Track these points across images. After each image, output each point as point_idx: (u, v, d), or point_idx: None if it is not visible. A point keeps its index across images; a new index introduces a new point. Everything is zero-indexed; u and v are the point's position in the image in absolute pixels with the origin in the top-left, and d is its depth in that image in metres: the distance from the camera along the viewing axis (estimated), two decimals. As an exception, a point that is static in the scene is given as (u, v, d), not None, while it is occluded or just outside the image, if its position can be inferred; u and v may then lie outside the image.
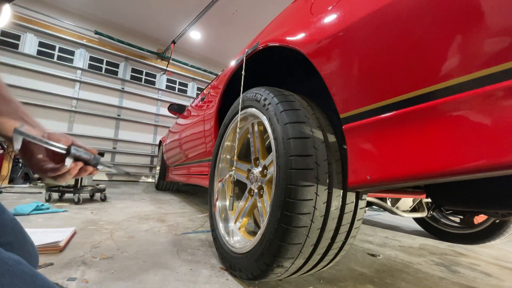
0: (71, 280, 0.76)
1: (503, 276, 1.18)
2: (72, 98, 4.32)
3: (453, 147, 0.41)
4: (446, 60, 0.42)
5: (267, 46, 0.97)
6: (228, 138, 1.14)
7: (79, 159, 0.51)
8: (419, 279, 1.03)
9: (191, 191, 3.79)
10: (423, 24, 0.46)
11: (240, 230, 1.00)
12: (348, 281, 0.93)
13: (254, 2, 4.11)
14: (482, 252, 1.61)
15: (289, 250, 0.66)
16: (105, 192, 2.31)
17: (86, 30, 4.70)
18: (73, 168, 0.50)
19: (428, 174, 0.45)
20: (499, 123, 0.37)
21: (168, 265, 0.93)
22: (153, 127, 5.20)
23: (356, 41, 0.58)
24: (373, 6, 0.55)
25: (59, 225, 1.34)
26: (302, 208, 0.64)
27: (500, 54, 0.37)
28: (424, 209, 1.41)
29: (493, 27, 0.38)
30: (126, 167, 4.80)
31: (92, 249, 1.03)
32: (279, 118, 0.75)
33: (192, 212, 2.11)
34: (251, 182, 0.96)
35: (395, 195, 0.97)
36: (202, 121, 1.81)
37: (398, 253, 1.39)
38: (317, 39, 0.69)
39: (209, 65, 6.30)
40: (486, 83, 0.38)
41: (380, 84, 0.52)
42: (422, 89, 0.45)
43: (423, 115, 0.45)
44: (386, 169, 0.51)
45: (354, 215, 0.71)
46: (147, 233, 1.32)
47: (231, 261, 0.88)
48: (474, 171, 0.40)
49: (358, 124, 0.57)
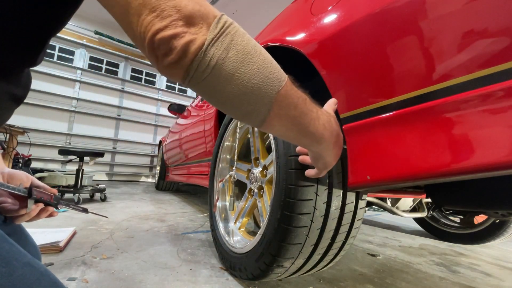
0: (71, 280, 0.76)
1: (503, 276, 1.18)
2: (72, 98, 4.31)
3: (453, 147, 0.41)
4: (446, 60, 0.42)
5: (267, 46, 0.97)
6: (228, 138, 1.14)
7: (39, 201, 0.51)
8: (419, 279, 1.03)
9: (191, 191, 3.79)
10: (423, 24, 0.46)
11: (240, 230, 1.00)
12: (348, 281, 0.93)
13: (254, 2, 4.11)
14: (482, 252, 1.61)
15: (289, 250, 0.66)
16: (105, 192, 2.31)
17: (86, 30, 4.70)
18: (33, 210, 0.51)
19: (428, 174, 0.45)
20: (499, 123, 0.37)
21: (168, 265, 0.93)
22: (153, 127, 5.20)
23: (356, 41, 0.58)
24: (373, 6, 0.55)
25: (59, 225, 1.34)
26: (302, 208, 0.64)
27: (500, 54, 0.37)
28: (424, 209, 1.41)
29: (493, 27, 0.38)
30: (126, 167, 4.80)
31: (92, 249, 1.03)
32: (279, 118, 0.75)
33: (192, 212, 2.11)
34: (251, 182, 0.96)
35: (395, 195, 0.97)
36: (202, 121, 1.81)
37: (398, 253, 1.39)
38: (317, 39, 0.69)
39: (209, 65, 6.28)
40: (486, 83, 0.38)
41: (380, 84, 0.52)
42: (422, 89, 0.45)
43: (423, 115, 0.45)
44: (386, 169, 0.51)
45: (354, 215, 0.71)
46: (147, 233, 1.32)
47: (231, 261, 0.88)
48: (474, 171, 0.40)
49: (358, 124, 0.57)
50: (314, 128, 0.40)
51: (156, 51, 0.29)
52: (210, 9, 0.31)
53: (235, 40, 0.31)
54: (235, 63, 0.31)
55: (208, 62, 0.30)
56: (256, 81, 0.32)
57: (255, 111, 0.34)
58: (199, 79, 0.31)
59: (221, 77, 0.31)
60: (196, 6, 0.29)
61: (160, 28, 0.28)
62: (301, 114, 0.38)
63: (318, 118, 0.41)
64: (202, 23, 0.29)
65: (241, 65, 0.31)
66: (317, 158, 0.48)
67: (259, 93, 0.33)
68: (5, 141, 2.71)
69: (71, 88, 4.36)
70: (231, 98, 0.33)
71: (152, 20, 0.28)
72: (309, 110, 0.39)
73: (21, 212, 0.50)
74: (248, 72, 0.32)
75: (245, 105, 0.34)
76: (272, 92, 0.34)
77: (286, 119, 0.37)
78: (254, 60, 0.32)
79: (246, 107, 0.34)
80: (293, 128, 0.38)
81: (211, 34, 0.30)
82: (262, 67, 0.33)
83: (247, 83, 0.32)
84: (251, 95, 0.33)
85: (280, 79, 0.34)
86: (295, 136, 0.40)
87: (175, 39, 0.28)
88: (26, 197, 0.49)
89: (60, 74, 4.22)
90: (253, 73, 0.32)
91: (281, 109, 0.35)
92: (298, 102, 0.37)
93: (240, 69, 0.31)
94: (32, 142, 3.39)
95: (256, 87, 0.32)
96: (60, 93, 4.19)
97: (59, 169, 3.80)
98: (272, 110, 0.35)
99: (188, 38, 0.29)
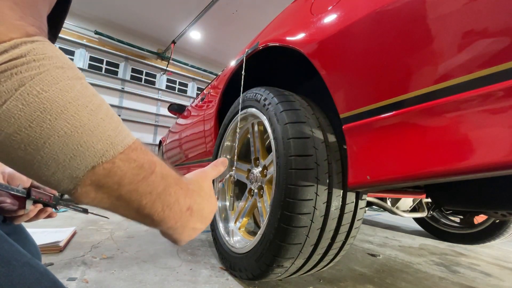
0: (71, 280, 0.76)
1: (503, 276, 1.18)
2: (72, 98, 4.31)
3: (453, 147, 0.41)
4: (446, 60, 0.42)
5: (267, 46, 0.97)
6: (228, 138, 1.14)
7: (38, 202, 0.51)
8: (419, 279, 1.03)
9: (191, 191, 3.79)
10: (423, 24, 0.46)
11: (240, 230, 1.00)
12: (348, 281, 0.93)
13: (254, 2, 4.11)
14: (482, 252, 1.61)
15: (289, 250, 0.66)
16: (105, 192, 2.31)
17: (86, 30, 4.70)
18: (32, 211, 0.50)
19: (428, 174, 0.45)
20: (499, 123, 0.37)
21: (168, 265, 0.93)
22: (153, 127, 5.20)
23: (356, 41, 0.58)
24: (373, 6, 0.55)
25: (59, 225, 1.34)
26: (302, 208, 0.64)
27: (500, 54, 0.37)
28: (424, 209, 1.41)
29: (493, 27, 0.38)
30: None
31: (92, 249, 1.03)
32: (279, 118, 0.75)
33: (192, 212, 2.11)
34: (251, 182, 0.96)
35: (395, 195, 0.97)
36: (202, 121, 1.81)
37: (398, 253, 1.39)
38: (317, 39, 0.69)
39: (209, 65, 6.30)
40: (486, 83, 0.38)
41: (380, 84, 0.52)
42: (422, 89, 0.45)
43: (423, 115, 0.45)
44: (386, 169, 0.51)
45: (354, 215, 0.71)
46: (147, 233, 1.32)
47: (231, 261, 0.88)
48: (474, 171, 0.40)
49: (358, 124, 0.57)
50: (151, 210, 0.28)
51: None
52: (13, 25, 0.19)
53: (28, 87, 0.19)
54: (14, 122, 0.19)
55: None
56: (56, 152, 0.21)
57: (56, 182, 0.23)
58: None
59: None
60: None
61: None
62: (133, 195, 0.26)
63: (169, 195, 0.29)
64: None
65: (27, 125, 0.20)
66: (164, 234, 0.33)
67: (58, 165, 0.22)
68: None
69: (71, 88, 4.36)
70: (17, 164, 0.22)
71: None
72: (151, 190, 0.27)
73: (19, 213, 0.50)
74: (39, 139, 0.20)
75: (40, 172, 0.22)
76: (78, 170, 0.23)
77: (108, 198, 0.26)
78: (55, 125, 0.21)
79: (41, 174, 0.23)
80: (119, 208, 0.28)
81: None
82: (67, 135, 0.21)
83: (33, 152, 0.21)
84: (44, 167, 0.22)
85: (102, 152, 0.23)
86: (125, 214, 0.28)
87: None
88: (25, 198, 0.49)
89: (60, 74, 4.21)
90: (50, 142, 0.21)
91: (99, 189, 0.25)
92: (132, 179, 0.26)
93: (21, 131, 0.20)
94: (32, 142, 3.38)
95: (56, 157, 0.22)
96: (60, 93, 4.18)
97: (59, 169, 3.80)
98: (82, 187, 0.24)
99: None
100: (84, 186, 0.24)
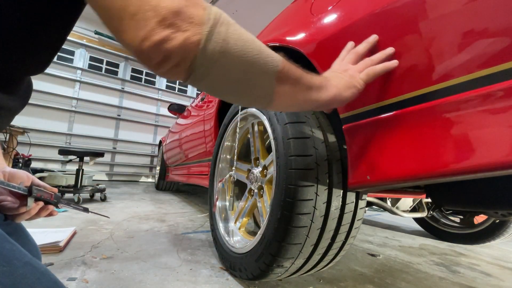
0: (71, 280, 0.76)
1: (503, 276, 1.18)
2: (72, 98, 4.31)
3: (453, 147, 0.41)
4: (446, 60, 0.42)
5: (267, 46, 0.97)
6: (228, 138, 1.14)
7: (40, 199, 0.51)
8: (419, 279, 1.03)
9: (191, 191, 3.79)
10: (423, 24, 0.46)
11: (240, 230, 1.00)
12: (348, 281, 0.93)
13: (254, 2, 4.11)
14: (482, 252, 1.61)
15: (289, 250, 0.66)
16: (105, 192, 2.31)
17: (86, 30, 4.69)
18: (33, 208, 0.51)
19: (428, 174, 0.45)
20: (499, 123, 0.37)
21: (168, 265, 0.93)
22: (153, 127, 5.20)
23: (356, 41, 0.58)
24: (373, 6, 0.55)
25: (59, 225, 1.34)
26: (302, 208, 0.64)
27: (500, 54, 0.37)
28: (424, 209, 1.41)
29: (493, 27, 0.38)
30: (126, 167, 4.80)
31: (92, 249, 1.03)
32: (279, 118, 0.75)
33: (192, 212, 2.11)
34: (251, 182, 0.96)
35: (395, 195, 0.97)
36: (202, 121, 1.81)
37: (398, 253, 1.39)
38: (317, 39, 0.69)
39: (209, 65, 6.28)
40: (486, 83, 0.38)
41: (380, 84, 0.52)
42: (422, 89, 0.45)
43: (423, 115, 0.45)
44: (386, 169, 0.51)
45: (354, 215, 0.71)
46: (147, 233, 1.32)
47: (231, 261, 0.88)
48: (474, 171, 0.40)
49: (358, 124, 0.57)
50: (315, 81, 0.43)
51: (150, 61, 0.26)
52: (196, 1, 0.28)
53: (230, 29, 0.30)
54: (236, 53, 0.30)
55: (209, 57, 0.28)
56: (259, 66, 0.33)
57: (261, 94, 0.36)
58: (203, 75, 0.30)
59: (224, 70, 0.30)
60: (182, 1, 0.26)
61: (146, 36, 0.24)
62: (302, 81, 0.40)
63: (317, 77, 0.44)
64: (191, 17, 0.26)
65: (242, 54, 0.31)
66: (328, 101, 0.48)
67: (263, 75, 0.34)
68: (5, 141, 2.71)
69: (71, 88, 4.36)
70: (236, 88, 0.34)
71: (135, 27, 0.24)
72: (310, 77, 0.41)
73: (21, 211, 0.50)
74: (250, 59, 0.32)
75: (251, 90, 0.35)
76: (273, 70, 0.35)
77: (291, 93, 0.39)
78: (252, 47, 0.32)
79: (252, 91, 0.36)
80: (299, 94, 0.40)
81: (205, 28, 0.27)
82: (260, 52, 0.33)
83: (251, 69, 0.32)
84: (256, 80, 0.34)
85: (277, 59, 0.36)
86: (303, 99, 0.42)
87: (166, 43, 0.25)
88: (26, 196, 0.49)
89: (60, 74, 4.22)
90: (254, 60, 0.32)
91: (285, 84, 0.37)
92: (297, 74, 0.39)
93: (241, 57, 0.31)
94: (32, 142, 3.39)
95: (259, 71, 0.33)
96: (60, 93, 4.19)
97: (59, 169, 3.80)
98: (277, 87, 0.36)
99: (180, 38, 0.25)
100: (276, 93, 0.37)
